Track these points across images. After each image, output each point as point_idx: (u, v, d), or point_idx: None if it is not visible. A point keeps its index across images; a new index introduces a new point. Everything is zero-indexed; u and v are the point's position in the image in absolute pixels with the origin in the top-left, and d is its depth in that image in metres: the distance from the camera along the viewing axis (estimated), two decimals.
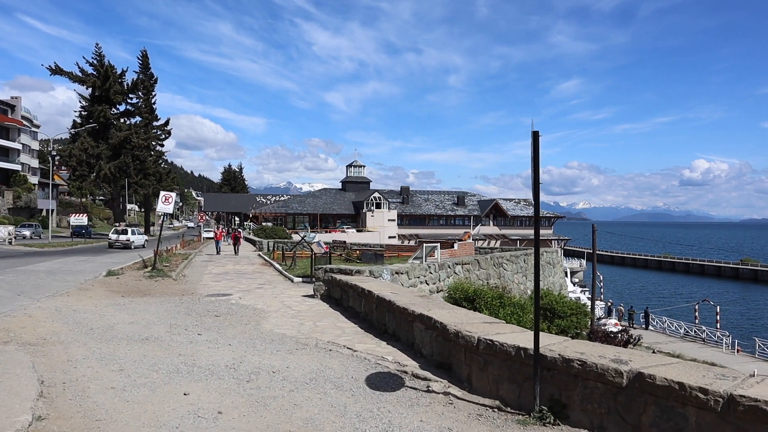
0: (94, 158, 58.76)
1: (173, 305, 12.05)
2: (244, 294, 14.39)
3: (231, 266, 24.87)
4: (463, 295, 12.73)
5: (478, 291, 12.81)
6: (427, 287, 14.84)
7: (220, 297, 13.63)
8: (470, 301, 12.25)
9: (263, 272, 22.04)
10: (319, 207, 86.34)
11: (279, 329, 9.55)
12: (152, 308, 11.54)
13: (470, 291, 12.82)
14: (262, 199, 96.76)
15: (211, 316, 10.85)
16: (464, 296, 12.67)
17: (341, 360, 7.25)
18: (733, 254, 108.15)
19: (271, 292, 14.87)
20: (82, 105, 61.73)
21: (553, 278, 26.80)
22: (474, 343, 5.92)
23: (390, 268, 13.28)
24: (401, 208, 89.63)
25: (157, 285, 15.91)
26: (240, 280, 18.56)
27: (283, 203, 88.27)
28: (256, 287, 16.21)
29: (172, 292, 14.37)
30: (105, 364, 6.84)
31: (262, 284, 17.11)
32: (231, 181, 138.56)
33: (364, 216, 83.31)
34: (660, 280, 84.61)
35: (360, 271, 12.66)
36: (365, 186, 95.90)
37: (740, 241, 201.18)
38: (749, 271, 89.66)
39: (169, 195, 18.54)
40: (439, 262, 15.66)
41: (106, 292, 13.78)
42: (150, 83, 70.45)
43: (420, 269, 14.64)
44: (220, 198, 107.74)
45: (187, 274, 20.45)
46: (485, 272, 18.98)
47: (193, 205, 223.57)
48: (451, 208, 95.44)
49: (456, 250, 25.05)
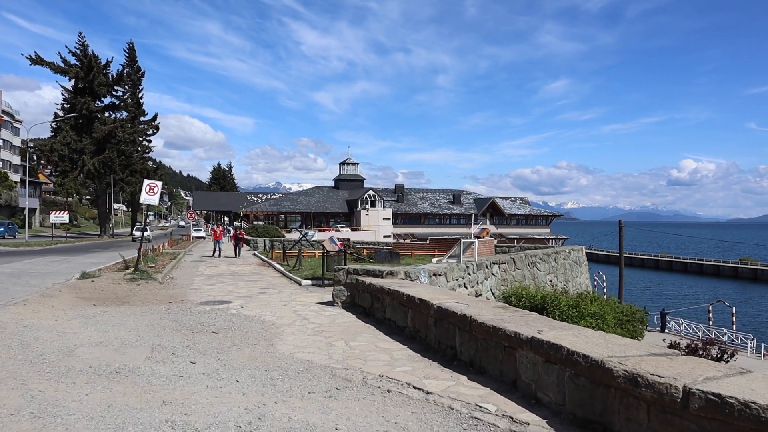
0: (77, 153, 55.60)
1: (157, 317, 9.42)
2: (246, 301, 11.77)
3: (225, 267, 22.21)
4: (529, 302, 10.21)
5: (548, 297, 10.24)
6: (466, 291, 12.32)
7: (217, 305, 11.01)
8: (538, 311, 9.75)
9: (263, 273, 19.42)
10: (311, 205, 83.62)
11: (301, 353, 6.98)
12: (130, 322, 8.91)
13: (537, 298, 10.26)
14: (253, 197, 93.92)
15: (206, 332, 8.26)
16: (530, 304, 10.16)
17: (414, 410, 4.69)
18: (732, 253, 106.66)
19: (278, 299, 12.25)
20: (65, 97, 58.51)
21: (579, 279, 24.42)
22: (676, 397, 3.41)
23: (427, 269, 10.75)
24: (396, 207, 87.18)
25: (140, 290, 13.23)
26: (237, 283, 15.91)
27: (274, 202, 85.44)
28: (258, 292, 13.59)
29: (157, 299, 11.71)
30: (42, 425, 4.25)
31: (264, 288, 14.48)
32: (220, 180, 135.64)
33: (359, 215, 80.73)
34: (660, 280, 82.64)
35: (393, 273, 10.11)
36: (359, 184, 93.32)
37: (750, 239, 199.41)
38: (749, 270, 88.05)
39: (153, 184, 15.89)
40: (476, 261, 13.15)
41: (74, 300, 11.08)
42: (137, 77, 67.39)
43: (458, 270, 12.12)
44: (210, 197, 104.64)
45: (176, 276, 17.77)
46: (521, 272, 16.51)
47: (181, 204, 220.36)
48: (447, 206, 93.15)
49: (475, 248, 22.52)
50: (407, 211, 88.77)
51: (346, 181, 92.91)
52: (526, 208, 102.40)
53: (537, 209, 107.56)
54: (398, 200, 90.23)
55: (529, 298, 10.53)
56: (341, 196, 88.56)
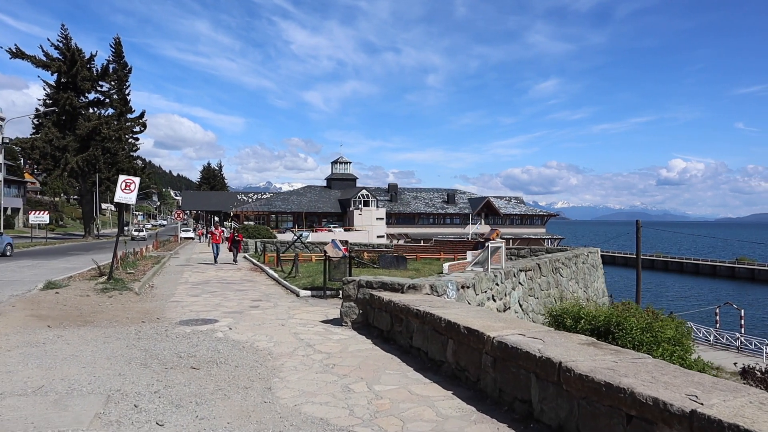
0: (60, 151, 53.31)
1: (124, 344, 7.50)
2: (236, 319, 9.84)
3: (213, 272, 20.27)
4: (589, 325, 8.28)
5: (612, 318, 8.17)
6: (494, 304, 10.51)
7: (200, 325, 9.09)
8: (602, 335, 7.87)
9: (255, 281, 17.50)
10: (303, 205, 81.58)
11: (311, 404, 5.11)
12: (87, 352, 6.99)
13: (600, 319, 8.22)
14: (243, 197, 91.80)
15: (184, 367, 6.36)
16: (592, 327, 8.23)
17: None
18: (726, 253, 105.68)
19: (273, 315, 10.34)
20: (47, 93, 56.20)
21: (596, 284, 22.67)
22: None
23: (455, 281, 8.91)
24: (389, 207, 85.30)
25: (111, 303, 11.27)
26: (226, 293, 13.98)
27: (265, 201, 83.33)
28: (250, 305, 11.67)
29: (128, 317, 9.76)
30: None
31: (257, 300, 12.56)
32: (210, 180, 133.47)
33: (352, 214, 78.80)
34: (658, 281, 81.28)
35: (416, 287, 8.26)
36: (351, 183, 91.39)
37: None
38: (746, 270, 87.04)
39: (130, 180, 13.93)
40: (504, 269, 11.34)
41: (27, 320, 9.12)
42: (124, 73, 65.05)
43: (487, 280, 10.30)
44: (200, 196, 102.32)
45: (156, 284, 15.82)
46: (545, 280, 14.70)
47: (171, 204, 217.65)
48: (441, 206, 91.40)
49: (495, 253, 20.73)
50: (401, 210, 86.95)
51: (338, 180, 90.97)
52: (522, 208, 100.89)
53: (532, 209, 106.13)
54: (391, 200, 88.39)
55: (590, 318, 8.52)
56: (333, 196, 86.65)
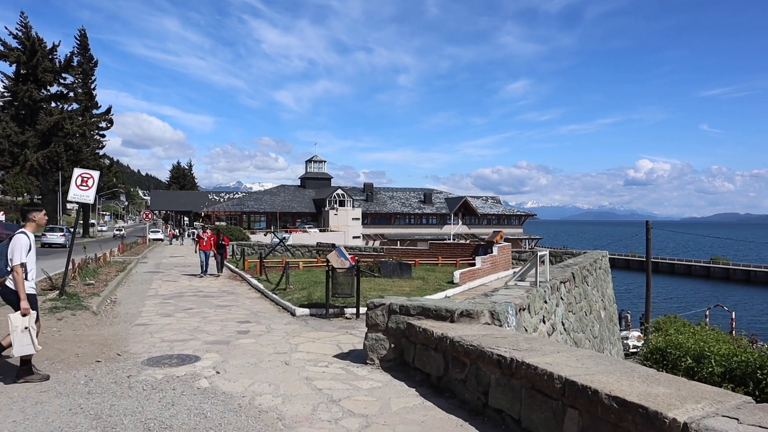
0: (19, 147, 49.86)
1: (66, 406, 5.12)
2: (223, 353, 7.42)
3: (186, 281, 17.79)
4: (721, 368, 5.86)
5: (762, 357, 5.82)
6: (544, 327, 8.45)
7: (175, 367, 6.72)
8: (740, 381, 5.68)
9: (236, 292, 15.11)
10: (277, 205, 78.90)
11: None
12: (4, 427, 4.68)
13: (750, 362, 5.75)
14: (214, 196, 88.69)
15: None
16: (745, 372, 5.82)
17: None
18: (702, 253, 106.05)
19: (270, 346, 7.99)
20: (5, 84, 52.63)
21: (608, 290, 20.87)
22: None
23: (513, 304, 6.79)
24: (365, 206, 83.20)
25: (58, 330, 8.82)
26: (204, 310, 11.58)
27: (237, 201, 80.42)
28: (237, 330, 9.29)
29: (78, 354, 7.33)
30: None
31: (245, 322, 10.17)
32: (180, 179, 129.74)
33: (327, 214, 76.48)
34: (641, 281, 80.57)
35: (471, 314, 6.10)
36: (326, 183, 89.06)
37: None
38: (721, 270, 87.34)
39: (87, 174, 11.47)
40: (549, 282, 9.29)
41: None
42: (89, 66, 61.69)
43: (539, 299, 8.23)
44: (169, 196, 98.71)
45: (120, 298, 13.34)
46: (579, 291, 12.70)
47: (140, 204, 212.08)
48: (418, 206, 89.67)
49: (496, 255, 18.75)
50: (377, 210, 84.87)
51: (313, 179, 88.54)
52: (499, 208, 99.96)
53: (510, 209, 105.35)
54: (367, 200, 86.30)
55: (721, 359, 6.12)
56: (308, 195, 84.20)
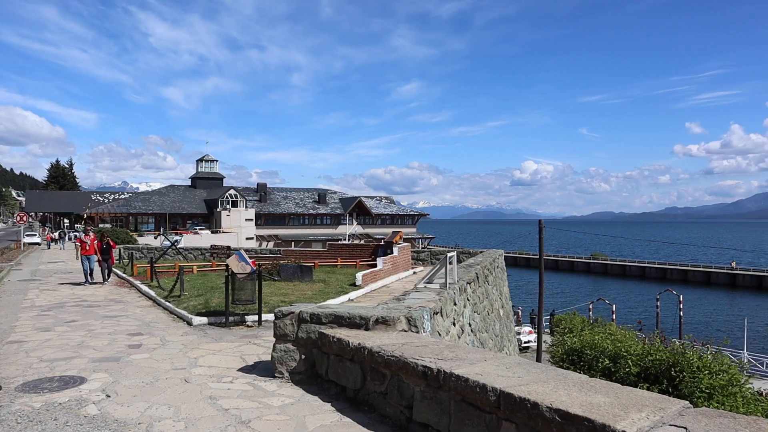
0: None
1: None
2: (112, 373, 6.62)
3: (68, 290, 16.23)
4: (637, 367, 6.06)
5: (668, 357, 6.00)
6: (454, 329, 8.42)
7: (57, 392, 5.91)
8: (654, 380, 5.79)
9: (125, 300, 13.95)
10: (166, 206, 75.22)
11: None
12: None
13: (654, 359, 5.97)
14: (98, 197, 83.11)
15: None
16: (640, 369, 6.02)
17: None
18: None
19: (167, 361, 7.28)
20: None
21: (505, 288, 21.56)
22: None
23: (428, 308, 6.66)
24: (258, 207, 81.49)
25: None
26: (90, 322, 10.51)
27: (124, 202, 75.77)
28: (128, 344, 8.45)
29: None
30: None
31: (137, 335, 9.30)
32: (59, 179, 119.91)
33: (219, 215, 74.12)
34: (528, 278, 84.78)
35: (387, 321, 5.85)
36: (218, 183, 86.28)
37: None
38: (600, 265, 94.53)
39: None
40: (457, 283, 9.31)
41: None
42: None
43: (450, 302, 8.16)
44: (47, 196, 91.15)
45: None
46: (482, 289, 12.91)
47: (13, 205, 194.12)
48: (313, 206, 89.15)
49: (396, 256, 18.72)
50: (271, 211, 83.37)
51: (204, 179, 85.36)
52: (393, 208, 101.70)
53: (403, 208, 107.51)
54: (261, 200, 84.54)
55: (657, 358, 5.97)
56: (199, 196, 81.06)
